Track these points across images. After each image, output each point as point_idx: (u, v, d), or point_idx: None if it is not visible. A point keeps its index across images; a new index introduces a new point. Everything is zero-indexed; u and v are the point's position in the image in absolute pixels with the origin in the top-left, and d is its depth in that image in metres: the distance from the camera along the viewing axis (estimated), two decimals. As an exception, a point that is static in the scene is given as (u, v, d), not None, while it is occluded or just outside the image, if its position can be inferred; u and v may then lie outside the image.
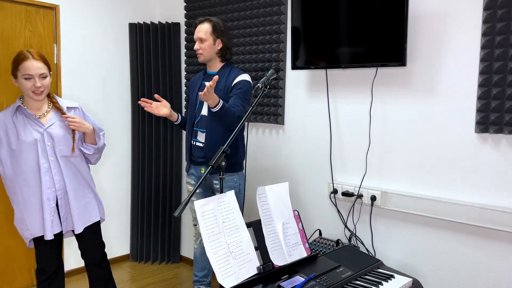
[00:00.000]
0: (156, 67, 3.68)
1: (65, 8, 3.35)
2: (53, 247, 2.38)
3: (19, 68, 2.17)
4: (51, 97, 2.34)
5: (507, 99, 2.05)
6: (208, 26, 2.63)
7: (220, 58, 2.70)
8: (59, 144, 2.27)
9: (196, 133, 2.72)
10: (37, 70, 2.17)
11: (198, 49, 2.66)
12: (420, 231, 2.41)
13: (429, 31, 2.30)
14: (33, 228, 2.28)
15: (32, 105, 2.27)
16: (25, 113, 2.23)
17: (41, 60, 2.21)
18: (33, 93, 2.19)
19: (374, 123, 2.55)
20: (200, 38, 2.64)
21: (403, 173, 2.45)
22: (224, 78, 2.65)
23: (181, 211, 1.82)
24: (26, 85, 2.17)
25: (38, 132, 2.23)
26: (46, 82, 2.22)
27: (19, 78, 2.19)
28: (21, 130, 2.20)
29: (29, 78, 2.16)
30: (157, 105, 2.68)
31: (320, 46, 2.58)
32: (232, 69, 2.69)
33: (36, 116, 2.24)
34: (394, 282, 2.07)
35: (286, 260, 2.05)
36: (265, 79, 2.22)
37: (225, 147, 2.00)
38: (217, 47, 2.66)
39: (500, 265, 2.15)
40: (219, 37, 2.64)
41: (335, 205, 2.75)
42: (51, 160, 2.25)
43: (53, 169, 2.26)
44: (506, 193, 2.11)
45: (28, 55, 2.17)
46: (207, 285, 2.98)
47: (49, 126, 2.25)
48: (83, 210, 2.39)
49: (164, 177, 3.74)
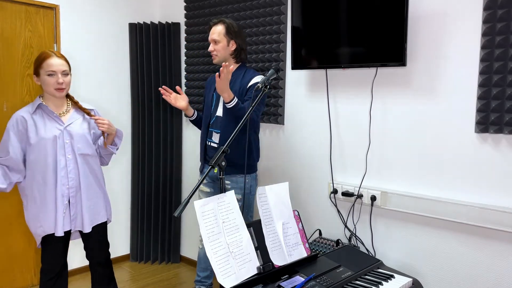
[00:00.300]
0: (156, 67, 3.68)
1: (65, 8, 3.35)
2: (60, 247, 2.39)
3: (43, 65, 2.25)
4: (71, 98, 2.41)
5: (507, 99, 2.05)
6: (222, 28, 2.64)
7: (234, 59, 2.70)
8: (77, 142, 2.33)
9: (211, 133, 2.74)
10: (59, 66, 2.26)
11: (212, 50, 2.67)
12: (420, 231, 2.41)
13: (429, 31, 2.30)
14: (46, 225, 2.30)
15: (52, 104, 2.33)
16: (46, 111, 2.29)
17: (63, 58, 2.30)
18: (55, 90, 2.27)
19: (374, 123, 2.55)
20: (214, 39, 2.65)
21: (403, 173, 2.45)
22: (239, 79, 2.64)
23: (181, 211, 1.82)
24: (49, 81, 2.25)
25: (58, 129, 2.29)
26: (67, 79, 2.30)
27: (41, 75, 2.26)
28: (41, 127, 2.26)
29: (52, 74, 2.25)
30: (176, 96, 2.73)
31: (320, 46, 2.58)
32: (247, 70, 2.69)
33: (56, 114, 2.31)
34: (394, 282, 2.07)
35: (286, 260, 2.05)
36: (265, 79, 2.22)
37: (225, 147, 2.00)
38: (231, 48, 2.66)
39: (500, 265, 2.15)
40: (233, 38, 2.65)
41: (335, 205, 2.75)
42: (68, 157, 2.30)
43: (69, 167, 2.31)
44: (506, 193, 2.11)
45: (51, 53, 2.27)
46: (208, 286, 2.98)
47: (68, 125, 2.32)
48: (93, 210, 2.42)
49: (164, 177, 3.74)
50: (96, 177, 2.44)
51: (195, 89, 3.58)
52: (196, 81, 3.57)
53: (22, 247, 3.26)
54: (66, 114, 2.35)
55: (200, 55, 3.51)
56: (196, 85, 3.56)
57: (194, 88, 3.59)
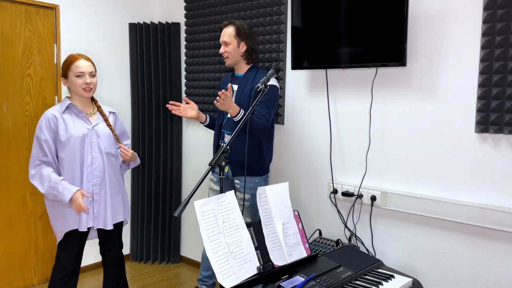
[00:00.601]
0: (156, 67, 3.68)
1: (65, 8, 3.35)
2: (78, 245, 2.46)
3: (71, 67, 2.37)
4: (95, 101, 2.53)
5: (507, 99, 2.05)
6: (232, 29, 2.65)
7: (245, 61, 2.70)
8: (104, 142, 2.44)
9: (223, 134, 2.75)
10: (87, 68, 2.39)
11: (223, 52, 2.68)
12: (420, 231, 2.41)
13: (429, 31, 2.30)
14: (71, 220, 2.38)
15: (79, 105, 2.44)
16: (75, 110, 2.41)
17: (89, 60, 2.43)
18: (83, 90, 2.38)
19: (374, 123, 2.55)
20: (224, 41, 2.66)
21: (403, 173, 2.45)
22: (251, 80, 2.65)
23: (181, 211, 1.82)
24: (78, 82, 2.37)
25: (86, 128, 2.40)
26: (94, 81, 2.43)
27: (70, 77, 2.38)
28: (70, 125, 2.37)
29: (80, 75, 2.37)
30: (185, 107, 2.68)
31: (320, 46, 2.58)
32: (258, 72, 2.68)
33: (84, 114, 2.43)
34: (394, 282, 2.07)
35: (286, 260, 2.05)
36: (265, 79, 2.22)
37: (225, 147, 2.00)
38: (241, 50, 2.66)
39: (500, 265, 2.15)
40: (243, 39, 2.65)
41: (335, 205, 2.75)
42: (94, 156, 2.41)
43: (94, 164, 2.40)
44: (506, 193, 2.11)
45: (78, 56, 2.40)
46: (209, 286, 2.98)
47: (95, 125, 2.44)
48: (115, 208, 2.50)
49: (164, 177, 3.74)
50: (118, 177, 2.54)
51: (195, 89, 3.58)
52: (196, 81, 3.57)
53: (22, 247, 3.26)
54: (93, 115, 2.48)
55: (200, 55, 3.51)
56: (196, 85, 3.56)
57: (194, 88, 3.59)
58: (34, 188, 3.27)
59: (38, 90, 3.27)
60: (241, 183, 2.68)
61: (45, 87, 3.30)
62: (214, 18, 3.35)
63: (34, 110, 3.26)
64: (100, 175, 2.41)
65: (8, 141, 3.15)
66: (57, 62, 3.34)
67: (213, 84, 3.42)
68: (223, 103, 2.33)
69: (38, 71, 3.26)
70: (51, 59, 3.32)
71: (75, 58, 2.38)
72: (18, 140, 3.19)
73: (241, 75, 2.73)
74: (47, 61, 3.30)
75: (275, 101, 2.62)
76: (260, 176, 2.71)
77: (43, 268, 3.38)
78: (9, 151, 3.15)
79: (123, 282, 2.67)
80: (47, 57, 3.30)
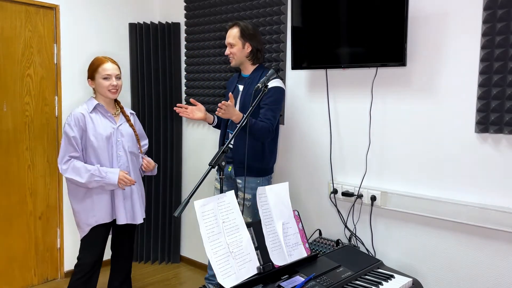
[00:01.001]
0: (156, 67, 3.68)
1: (65, 8, 3.35)
2: (102, 241, 2.56)
3: (98, 70, 2.48)
4: (118, 102, 2.64)
5: (507, 99, 2.05)
6: (236, 31, 2.65)
7: (251, 61, 2.70)
8: (127, 141, 2.57)
9: (228, 134, 2.75)
10: (114, 70, 2.51)
11: (228, 53, 2.68)
12: (420, 231, 2.41)
13: (429, 31, 2.30)
14: (100, 215, 2.49)
15: (105, 105, 2.55)
16: (102, 110, 2.53)
17: (116, 63, 2.55)
18: (109, 91, 2.49)
19: (374, 123, 2.55)
20: (229, 43, 2.67)
21: (403, 173, 2.45)
22: (256, 81, 2.64)
23: (181, 211, 1.82)
24: (104, 84, 2.48)
25: (112, 127, 2.52)
26: (120, 83, 2.54)
27: (97, 79, 2.49)
28: (98, 124, 2.48)
29: (107, 77, 2.48)
30: (192, 109, 2.66)
31: (320, 46, 2.58)
32: (264, 72, 2.67)
33: (111, 114, 2.55)
34: (394, 282, 2.07)
35: (286, 260, 2.05)
36: (265, 79, 2.22)
37: (225, 147, 2.00)
38: (246, 51, 2.66)
39: (500, 265, 2.15)
40: (248, 40, 2.65)
41: (335, 205, 2.75)
42: (119, 154, 2.53)
43: (119, 162, 2.52)
44: (506, 193, 2.11)
45: (105, 59, 2.51)
46: (215, 285, 2.98)
47: (120, 125, 2.57)
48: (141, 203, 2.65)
49: (164, 177, 3.74)
50: (138, 175, 2.67)
51: (195, 89, 3.58)
52: (196, 81, 3.57)
53: (22, 247, 3.26)
54: (117, 116, 2.59)
55: (200, 55, 3.51)
56: (196, 85, 3.56)
57: (194, 88, 3.59)
58: (34, 188, 3.28)
59: (38, 90, 3.27)
60: (243, 183, 2.68)
61: (45, 87, 3.30)
62: (214, 18, 3.35)
63: (34, 110, 3.26)
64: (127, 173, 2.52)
65: (8, 141, 3.15)
66: (57, 62, 3.34)
67: (213, 84, 3.42)
68: (224, 112, 2.33)
69: (38, 71, 3.26)
70: (51, 59, 3.32)
71: (102, 61, 2.49)
72: (18, 140, 3.19)
73: (247, 75, 2.73)
74: (47, 61, 3.30)
75: (280, 103, 2.60)
76: (263, 177, 2.71)
77: (43, 268, 3.38)
78: (9, 151, 3.16)
79: (129, 280, 2.76)
80: (47, 57, 3.30)
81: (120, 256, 2.74)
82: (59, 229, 3.43)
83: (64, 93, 3.39)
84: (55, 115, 3.36)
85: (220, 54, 3.33)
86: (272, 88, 2.55)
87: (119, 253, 2.73)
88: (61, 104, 3.37)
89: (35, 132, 3.27)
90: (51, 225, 3.39)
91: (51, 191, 3.38)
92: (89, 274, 2.51)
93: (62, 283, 3.39)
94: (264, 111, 2.54)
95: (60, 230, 3.43)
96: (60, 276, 3.46)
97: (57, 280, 3.44)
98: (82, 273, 2.50)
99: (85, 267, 2.50)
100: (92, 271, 2.52)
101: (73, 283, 2.50)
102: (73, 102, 3.42)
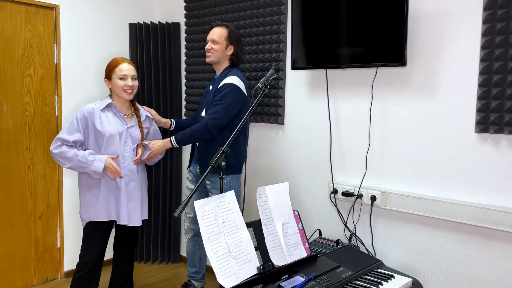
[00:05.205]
0: (156, 67, 3.68)
1: (65, 8, 3.35)
2: (103, 239, 2.56)
3: (115, 70, 2.50)
4: (134, 104, 2.65)
5: (507, 99, 2.05)
6: (224, 31, 2.70)
7: (228, 64, 2.76)
8: (134, 144, 2.56)
9: None
10: (130, 71, 2.53)
11: (209, 49, 2.72)
12: (420, 231, 2.41)
13: (429, 31, 2.30)
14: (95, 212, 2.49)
15: (119, 105, 2.56)
16: (114, 110, 2.54)
17: (132, 64, 2.57)
18: (124, 92, 2.50)
19: (374, 123, 2.55)
20: (213, 39, 2.71)
21: (403, 173, 2.45)
22: (220, 80, 2.70)
23: (181, 211, 1.82)
24: (120, 84, 2.49)
25: (122, 127, 2.53)
26: (136, 84, 2.55)
27: (113, 79, 2.51)
28: (105, 122, 2.49)
29: (123, 78, 2.50)
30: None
31: (320, 46, 2.58)
32: (229, 72, 2.70)
33: (122, 114, 2.55)
34: (394, 282, 2.07)
35: (286, 260, 2.05)
36: (265, 79, 2.22)
37: (225, 147, 2.00)
38: (227, 53, 2.72)
39: (500, 265, 2.15)
40: (232, 44, 2.71)
41: (335, 205, 2.75)
42: (125, 155, 2.52)
43: (124, 163, 2.52)
44: (506, 193, 2.11)
45: (122, 60, 2.54)
46: (199, 280, 3.04)
47: (130, 126, 2.56)
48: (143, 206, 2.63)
49: (164, 178, 3.74)
50: (143, 179, 2.65)
51: (195, 89, 3.58)
52: (196, 81, 3.57)
53: (22, 247, 3.26)
54: (130, 117, 2.60)
55: (200, 55, 3.51)
56: (196, 85, 3.56)
57: (194, 88, 3.59)
58: (34, 188, 3.28)
59: (38, 90, 3.26)
60: (211, 184, 2.73)
61: (45, 87, 3.30)
62: (214, 18, 3.35)
63: (34, 110, 3.25)
64: (128, 174, 2.52)
65: (8, 141, 3.15)
66: (57, 62, 3.34)
67: (213, 84, 3.42)
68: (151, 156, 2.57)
69: (38, 71, 3.26)
70: (51, 59, 3.32)
71: (119, 62, 2.51)
72: (18, 140, 3.19)
73: (217, 76, 2.80)
74: (47, 61, 3.30)
75: (225, 98, 2.59)
76: (230, 176, 2.70)
77: (43, 268, 3.38)
78: (9, 151, 3.16)
79: (130, 281, 2.75)
80: (47, 57, 3.30)
81: (121, 258, 2.73)
82: (59, 229, 3.43)
83: (64, 93, 3.39)
84: (55, 115, 3.36)
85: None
86: (225, 84, 2.63)
87: (120, 254, 2.73)
88: (61, 104, 3.37)
89: (35, 132, 3.27)
90: (51, 225, 3.39)
91: (51, 191, 3.38)
92: (91, 273, 2.52)
93: (62, 283, 3.39)
94: (211, 107, 2.64)
95: (60, 230, 3.43)
96: (60, 276, 3.46)
97: (57, 280, 3.44)
98: (82, 271, 2.50)
99: (85, 265, 2.50)
100: (93, 270, 2.52)
101: (75, 281, 2.51)
102: (73, 102, 3.42)
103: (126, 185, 2.53)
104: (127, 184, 2.53)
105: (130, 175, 2.54)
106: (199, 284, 3.06)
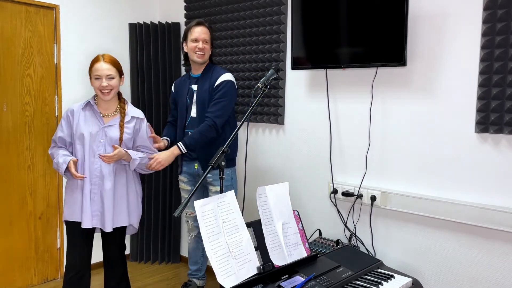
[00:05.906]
0: (156, 67, 3.68)
1: (65, 8, 3.35)
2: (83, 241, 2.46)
3: (92, 69, 2.40)
4: (123, 102, 2.50)
5: (507, 99, 2.05)
6: (208, 30, 2.81)
7: (208, 61, 2.85)
8: (110, 145, 2.40)
9: (187, 134, 2.82)
10: (104, 71, 2.37)
11: (202, 48, 2.76)
12: (420, 231, 2.41)
13: (429, 31, 2.30)
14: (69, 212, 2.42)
15: (102, 104, 2.47)
16: (92, 109, 2.45)
17: (110, 63, 2.41)
18: (100, 92, 2.39)
19: (374, 123, 2.55)
20: (205, 39, 2.77)
21: (403, 173, 2.45)
22: (208, 78, 2.76)
23: (181, 211, 1.82)
24: (96, 84, 2.39)
25: (97, 126, 2.41)
26: (112, 83, 2.40)
27: (91, 78, 2.41)
28: (83, 121, 2.41)
29: (97, 78, 2.38)
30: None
31: (320, 46, 2.58)
32: (215, 69, 2.81)
33: (101, 114, 2.44)
34: (394, 282, 2.07)
35: (286, 260, 2.05)
36: (265, 79, 2.22)
37: (225, 147, 2.00)
38: (210, 51, 2.84)
39: (501, 265, 2.15)
40: (212, 41, 2.84)
41: (335, 205, 2.75)
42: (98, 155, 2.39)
43: (96, 164, 2.39)
44: (506, 193, 2.11)
45: (99, 58, 2.40)
46: (200, 278, 3.06)
47: (107, 126, 2.41)
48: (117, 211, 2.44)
49: (164, 178, 3.74)
50: (124, 182, 2.47)
51: (195, 89, 3.58)
52: (196, 81, 3.57)
53: (22, 247, 3.26)
54: (110, 116, 2.45)
55: (200, 55, 3.51)
56: (196, 85, 3.56)
57: (194, 88, 3.59)
58: (34, 188, 3.28)
59: (38, 90, 3.26)
60: (213, 176, 2.80)
61: (45, 87, 3.30)
62: (214, 18, 3.35)
63: (34, 110, 3.25)
64: (99, 175, 2.37)
65: (8, 141, 3.15)
66: (57, 62, 3.34)
67: (213, 84, 3.42)
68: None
69: (38, 71, 3.26)
70: (51, 59, 3.32)
71: (96, 61, 2.40)
72: (18, 140, 3.19)
73: (198, 75, 2.85)
74: (47, 61, 3.30)
75: (229, 96, 2.72)
76: (230, 168, 2.84)
77: (43, 268, 3.38)
78: (9, 151, 3.16)
79: (124, 283, 2.66)
80: (47, 57, 3.30)
81: (109, 262, 2.59)
82: (59, 229, 3.43)
83: (64, 93, 3.39)
84: (55, 115, 3.36)
85: (219, 54, 3.33)
86: (224, 82, 2.70)
87: (107, 259, 2.59)
88: (61, 104, 3.37)
89: (35, 132, 3.27)
90: (51, 225, 3.39)
91: (51, 191, 3.38)
92: (79, 275, 2.43)
93: (62, 283, 3.38)
94: (212, 105, 2.69)
95: (60, 230, 3.43)
96: (60, 276, 3.46)
97: (57, 280, 3.44)
98: (70, 274, 2.43)
99: (70, 268, 2.42)
100: (80, 272, 2.44)
101: (65, 283, 2.45)
102: (73, 102, 3.42)
103: (99, 186, 2.38)
104: (101, 185, 2.38)
105: (105, 175, 2.38)
106: (201, 282, 3.07)
